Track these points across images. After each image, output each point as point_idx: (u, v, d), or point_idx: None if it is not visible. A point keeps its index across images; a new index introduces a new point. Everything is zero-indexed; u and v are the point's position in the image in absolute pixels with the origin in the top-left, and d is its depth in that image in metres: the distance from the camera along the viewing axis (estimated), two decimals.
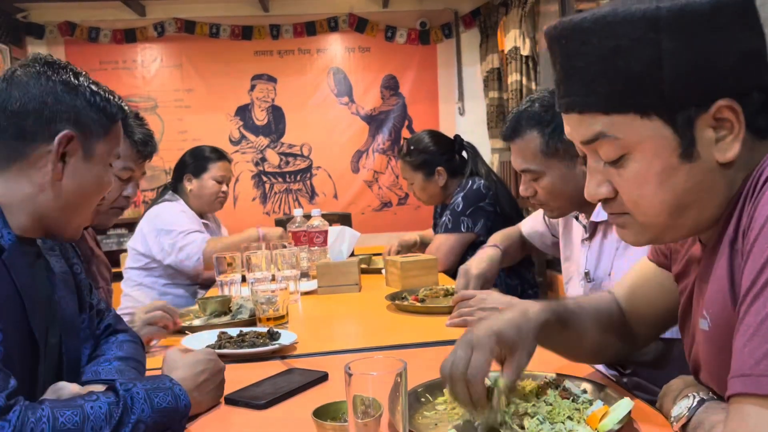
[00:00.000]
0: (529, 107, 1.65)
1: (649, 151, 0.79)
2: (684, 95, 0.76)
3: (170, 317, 1.65)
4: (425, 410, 1.04)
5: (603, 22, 0.78)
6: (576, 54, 0.81)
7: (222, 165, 2.86)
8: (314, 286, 2.29)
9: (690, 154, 0.78)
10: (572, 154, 1.56)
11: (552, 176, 1.63)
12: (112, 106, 1.10)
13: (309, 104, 5.49)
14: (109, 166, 1.13)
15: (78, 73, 1.08)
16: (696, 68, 0.75)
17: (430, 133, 2.85)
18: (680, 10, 0.74)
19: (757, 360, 0.66)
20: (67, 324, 1.14)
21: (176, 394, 1.03)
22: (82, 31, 5.21)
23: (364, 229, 2.75)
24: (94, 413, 0.92)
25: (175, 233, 2.65)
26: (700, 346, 0.88)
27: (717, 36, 0.75)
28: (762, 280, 0.68)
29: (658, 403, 0.98)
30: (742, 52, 0.76)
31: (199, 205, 2.83)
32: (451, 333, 1.61)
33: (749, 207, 0.75)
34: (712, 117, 0.77)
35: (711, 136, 0.78)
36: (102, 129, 1.08)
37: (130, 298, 2.74)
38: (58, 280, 1.15)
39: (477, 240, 2.54)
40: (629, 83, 0.77)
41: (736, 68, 0.76)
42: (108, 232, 4.66)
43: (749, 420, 0.66)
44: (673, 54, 0.75)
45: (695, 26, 0.75)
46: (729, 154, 0.78)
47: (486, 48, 5.30)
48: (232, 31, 5.30)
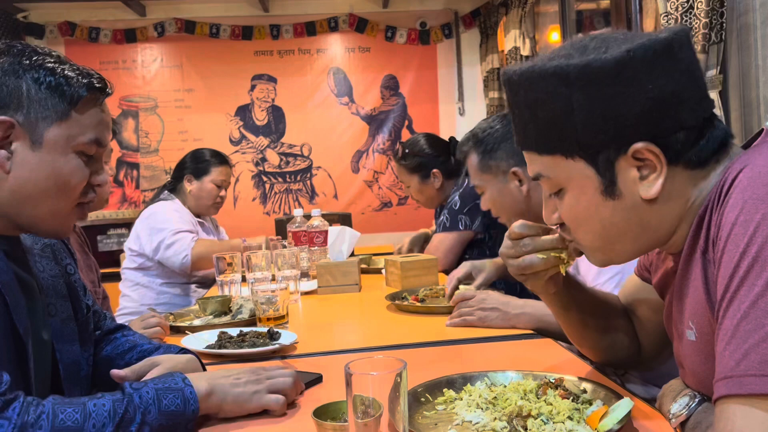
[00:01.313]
0: (473, 131, 1.88)
1: (577, 188, 0.88)
2: (597, 140, 0.84)
3: (164, 330, 1.70)
4: (425, 410, 1.04)
5: (526, 76, 0.87)
6: (513, 102, 0.92)
7: (223, 170, 2.87)
8: (314, 286, 2.29)
9: (612, 192, 0.85)
10: (503, 170, 1.77)
11: (491, 190, 1.84)
12: (72, 87, 0.98)
13: (309, 104, 5.48)
14: (80, 154, 1.01)
15: (35, 54, 0.98)
16: (604, 117, 0.82)
17: (425, 136, 2.88)
18: (585, 66, 0.81)
19: (737, 361, 0.67)
20: (59, 329, 1.11)
21: (186, 397, 0.98)
22: (83, 31, 5.21)
23: (364, 229, 2.76)
24: (96, 411, 0.90)
25: (166, 231, 2.65)
26: (688, 356, 0.90)
27: (622, 88, 0.81)
28: (734, 284, 0.70)
29: (657, 402, 0.99)
30: (652, 99, 0.81)
31: (196, 206, 2.84)
32: (451, 333, 1.61)
33: (716, 216, 0.77)
34: (631, 157, 0.83)
35: (635, 175, 0.84)
36: (55, 113, 0.97)
37: (128, 299, 2.74)
38: (47, 286, 1.11)
39: (475, 237, 2.54)
40: (549, 130, 0.87)
41: (646, 114, 0.81)
42: (108, 232, 4.67)
43: (735, 420, 0.67)
44: (582, 105, 0.82)
45: (600, 80, 0.81)
46: (651, 191, 0.83)
47: (486, 48, 5.30)
48: (232, 31, 5.30)
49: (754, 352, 0.66)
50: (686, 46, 0.84)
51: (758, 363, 0.66)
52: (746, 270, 0.69)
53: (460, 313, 1.67)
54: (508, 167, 1.76)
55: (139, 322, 1.68)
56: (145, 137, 5.35)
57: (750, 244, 0.70)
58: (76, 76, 0.99)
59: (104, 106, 1.05)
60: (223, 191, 2.88)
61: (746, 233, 0.70)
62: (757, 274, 0.68)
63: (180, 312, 1.97)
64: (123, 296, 2.76)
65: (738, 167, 0.76)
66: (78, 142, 0.99)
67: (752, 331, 0.67)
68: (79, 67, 1.01)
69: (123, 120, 5.34)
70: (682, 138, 0.82)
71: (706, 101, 0.85)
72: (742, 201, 0.72)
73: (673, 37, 0.82)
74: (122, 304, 2.74)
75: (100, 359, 1.27)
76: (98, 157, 1.05)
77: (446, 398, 1.07)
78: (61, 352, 1.10)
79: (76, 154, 1.00)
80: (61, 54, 1.03)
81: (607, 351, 1.20)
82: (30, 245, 1.13)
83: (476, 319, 1.63)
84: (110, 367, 1.25)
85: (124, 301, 2.75)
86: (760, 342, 0.66)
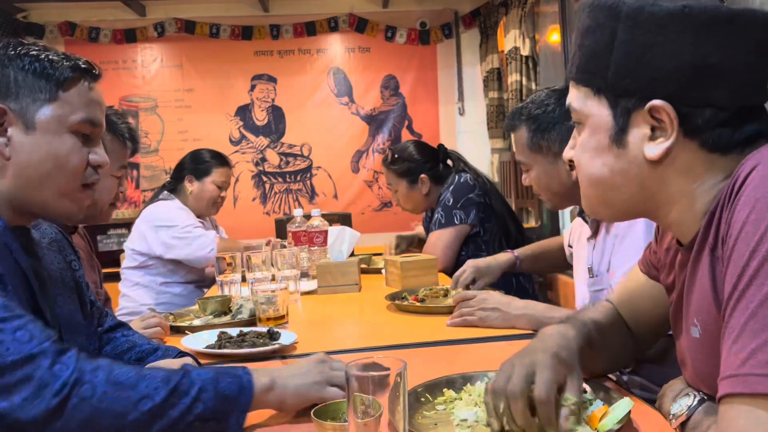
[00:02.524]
0: (524, 105, 1.76)
1: (593, 125, 0.88)
2: (623, 84, 0.83)
3: (164, 330, 1.70)
4: (425, 410, 1.04)
5: (585, 3, 0.88)
6: (574, 29, 0.92)
7: (224, 171, 2.88)
8: (314, 286, 2.29)
9: (619, 140, 0.85)
10: (554, 152, 1.66)
11: (537, 170, 1.74)
12: (57, 70, 1.02)
13: (309, 104, 5.49)
14: (76, 134, 1.04)
15: (20, 45, 1.02)
16: (638, 63, 0.81)
17: (413, 142, 2.91)
18: (638, 8, 0.81)
19: (742, 360, 0.67)
20: (66, 322, 1.12)
21: (243, 385, 0.95)
22: (82, 31, 5.21)
23: (364, 229, 2.75)
24: (151, 374, 0.89)
25: (177, 228, 2.67)
26: (691, 353, 0.89)
27: (663, 40, 0.80)
28: (743, 283, 0.70)
29: (657, 402, 0.98)
30: (689, 63, 0.79)
31: (197, 207, 2.85)
32: (451, 333, 1.61)
33: (726, 214, 0.76)
34: (647, 113, 0.82)
35: (645, 132, 0.83)
36: (44, 96, 1.01)
37: (127, 299, 2.75)
38: (55, 277, 1.13)
39: (472, 231, 2.54)
40: (588, 60, 0.87)
41: (678, 76, 0.80)
42: (108, 232, 4.67)
43: (739, 420, 0.67)
44: (623, 44, 0.82)
45: (647, 26, 0.80)
46: (654, 152, 0.83)
47: (486, 48, 5.30)
48: (232, 31, 5.30)
49: (761, 351, 0.66)
50: (755, 28, 0.80)
51: (764, 363, 0.65)
52: (756, 269, 0.69)
53: (461, 313, 1.67)
54: (560, 150, 1.65)
55: (139, 322, 1.69)
56: (145, 137, 5.35)
57: (760, 243, 0.69)
58: (61, 60, 1.03)
59: (94, 86, 1.08)
60: (223, 192, 2.89)
61: (757, 232, 0.70)
62: (767, 274, 0.68)
63: (180, 312, 1.97)
64: (122, 296, 2.77)
65: (751, 165, 0.75)
66: (70, 122, 1.03)
67: (759, 330, 0.66)
68: (64, 53, 1.05)
69: None
70: (708, 115, 0.80)
71: (755, 90, 0.82)
72: (754, 199, 0.72)
73: (741, 12, 0.79)
74: (122, 304, 2.74)
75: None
76: (95, 138, 1.08)
77: (446, 398, 1.07)
78: (69, 342, 1.11)
79: (71, 134, 1.03)
80: (47, 44, 1.06)
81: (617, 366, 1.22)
82: (38, 239, 1.14)
83: (477, 319, 1.63)
84: None
85: (124, 301, 2.75)
86: (767, 341, 0.66)
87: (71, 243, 1.28)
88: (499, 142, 5.13)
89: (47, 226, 1.23)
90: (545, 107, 1.69)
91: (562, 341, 0.98)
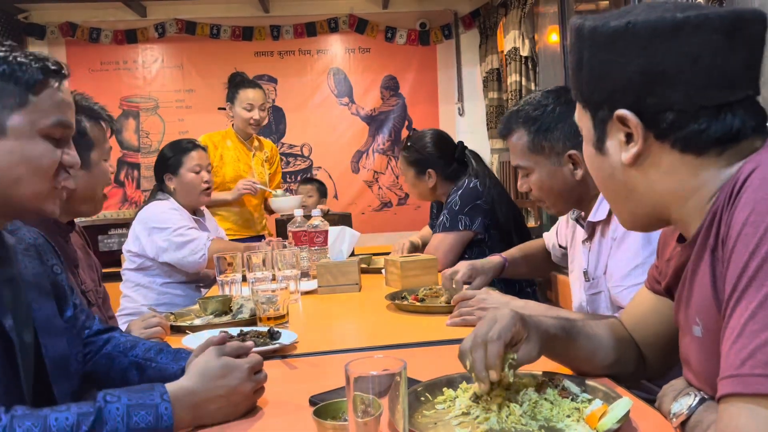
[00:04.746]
0: (520, 107, 1.71)
1: (585, 137, 0.97)
2: (595, 98, 0.91)
3: (164, 330, 1.70)
4: (425, 410, 1.05)
5: (572, 26, 0.95)
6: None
7: (195, 154, 2.80)
8: (314, 285, 2.29)
9: (600, 147, 0.93)
10: (557, 152, 1.63)
11: (540, 172, 1.68)
12: (26, 72, 0.99)
13: (309, 105, 5.49)
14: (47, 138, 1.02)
15: None
16: (600, 78, 0.90)
17: (434, 133, 2.81)
18: (593, 28, 0.89)
19: (742, 360, 0.68)
20: (43, 324, 1.11)
21: (159, 414, 0.96)
22: (83, 32, 5.21)
23: (364, 229, 2.76)
24: (57, 425, 0.88)
25: (169, 231, 2.64)
26: (694, 352, 0.90)
27: (615, 56, 0.87)
28: (742, 283, 0.71)
29: (657, 402, 0.99)
30: (640, 73, 0.85)
31: (187, 201, 2.81)
32: (451, 333, 1.62)
33: (726, 216, 0.78)
34: (617, 122, 0.89)
35: (621, 139, 0.90)
36: (15, 100, 0.98)
37: (128, 299, 2.74)
38: (29, 282, 1.11)
39: (475, 238, 2.54)
40: (572, 79, 0.96)
41: (633, 86, 0.86)
42: (109, 232, 4.67)
43: (739, 419, 0.67)
44: (587, 61, 0.91)
45: (601, 43, 0.88)
46: (626, 157, 0.89)
47: (485, 49, 5.30)
48: (232, 31, 5.31)
49: (761, 351, 0.66)
50: (705, 31, 0.81)
51: (764, 363, 0.66)
52: (755, 270, 0.69)
53: (460, 313, 1.67)
54: (564, 150, 1.62)
55: (140, 322, 1.69)
56: (146, 137, 5.35)
57: (760, 244, 0.70)
58: (30, 62, 1.00)
59: (63, 87, 1.05)
60: (204, 173, 2.82)
61: (756, 233, 0.71)
62: (766, 274, 0.68)
63: (180, 312, 1.97)
64: (124, 297, 2.76)
65: (750, 167, 0.77)
66: (42, 126, 1.01)
67: (759, 330, 0.67)
68: (32, 53, 1.03)
69: (124, 120, 5.35)
70: (671, 118, 0.84)
71: (716, 92, 0.83)
72: (754, 201, 0.73)
73: (690, 19, 0.82)
74: (123, 305, 2.74)
75: (102, 356, 1.28)
76: (66, 139, 1.06)
77: (446, 397, 1.07)
78: (47, 346, 1.10)
79: (43, 138, 1.02)
80: (14, 43, 1.03)
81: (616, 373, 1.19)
82: (13, 244, 1.13)
83: (476, 319, 1.63)
84: (113, 364, 1.26)
85: (125, 301, 2.75)
86: (766, 342, 0.66)
87: (54, 248, 1.27)
88: (498, 142, 5.13)
89: (27, 231, 1.22)
90: (544, 108, 1.65)
91: (533, 313, 1.10)
